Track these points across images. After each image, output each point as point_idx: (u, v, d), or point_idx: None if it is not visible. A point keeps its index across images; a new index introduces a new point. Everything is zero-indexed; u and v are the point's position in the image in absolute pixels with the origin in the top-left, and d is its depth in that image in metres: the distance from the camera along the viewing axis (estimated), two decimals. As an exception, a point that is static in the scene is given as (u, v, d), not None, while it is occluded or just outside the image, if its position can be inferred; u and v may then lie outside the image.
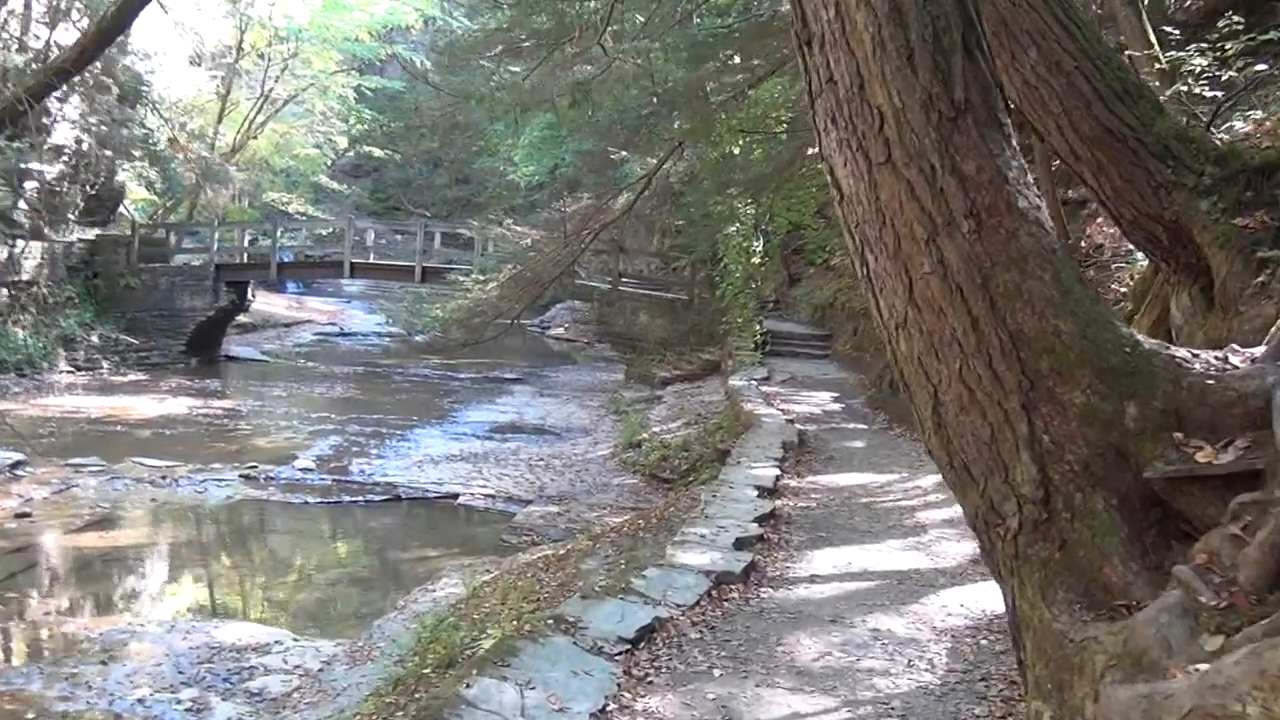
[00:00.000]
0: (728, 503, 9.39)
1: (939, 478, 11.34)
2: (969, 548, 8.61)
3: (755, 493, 9.81)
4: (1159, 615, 2.73)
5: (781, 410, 16.22)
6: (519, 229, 20.00)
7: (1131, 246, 7.68)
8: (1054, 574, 3.20)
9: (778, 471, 10.97)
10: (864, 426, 15.50)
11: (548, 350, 36.74)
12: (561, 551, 12.49)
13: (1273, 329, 3.88)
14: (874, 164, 3.49)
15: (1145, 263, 7.96)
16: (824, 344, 24.13)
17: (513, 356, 33.11)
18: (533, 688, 5.16)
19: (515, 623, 7.04)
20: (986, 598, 7.20)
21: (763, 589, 7.32)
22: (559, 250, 15.11)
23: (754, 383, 18.82)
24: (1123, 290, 11.22)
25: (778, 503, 9.77)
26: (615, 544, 11.77)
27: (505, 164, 41.70)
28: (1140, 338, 3.40)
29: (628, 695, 5.41)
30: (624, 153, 18.04)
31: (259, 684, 9.34)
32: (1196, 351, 3.44)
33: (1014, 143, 3.53)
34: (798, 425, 14.76)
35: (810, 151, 19.67)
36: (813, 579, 7.66)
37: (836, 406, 17.31)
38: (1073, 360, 3.27)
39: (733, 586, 7.20)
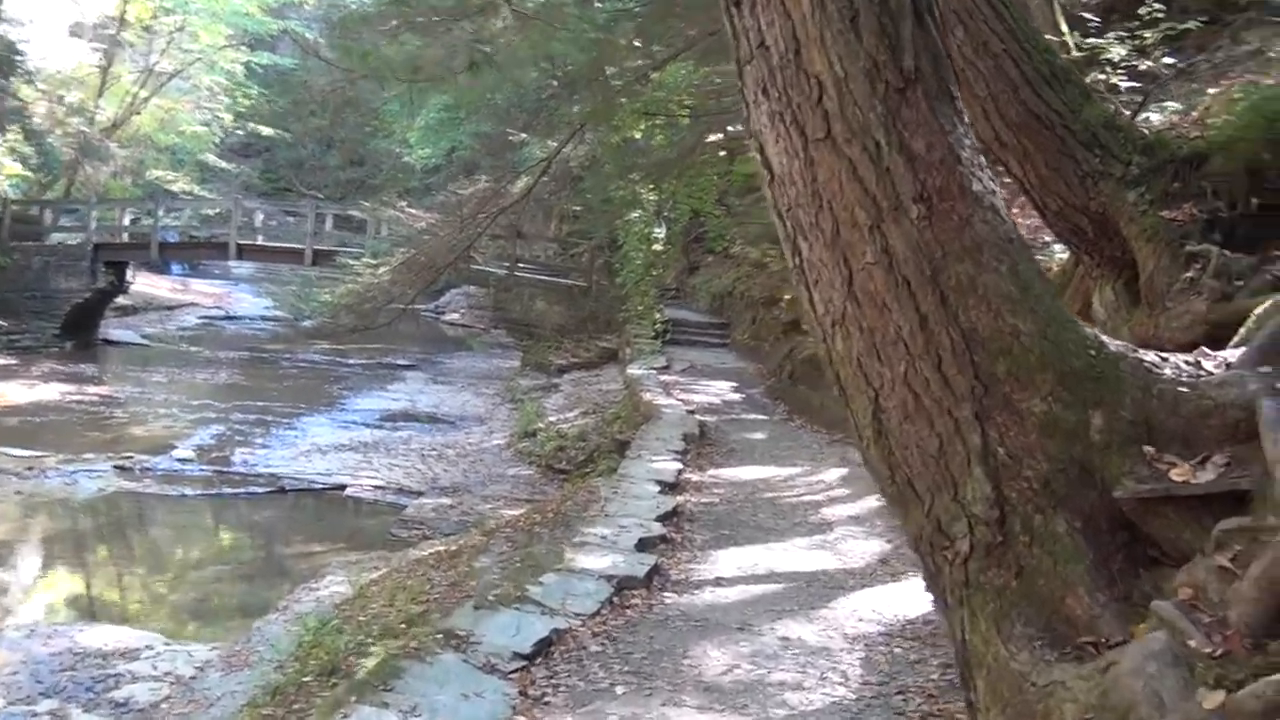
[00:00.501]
0: (628, 499, 8.96)
1: (843, 471, 11.05)
2: (876, 546, 8.31)
3: (657, 488, 9.41)
4: (1145, 664, 2.35)
5: (681, 400, 15.85)
6: (413, 212, 19.27)
7: (1050, 238, 7.40)
8: (1010, 604, 2.82)
9: (679, 465, 10.58)
10: (764, 417, 15.22)
11: (442, 336, 35.91)
12: (453, 547, 11.96)
13: (1242, 328, 3.55)
14: (811, 140, 3.08)
15: (1064, 255, 7.71)
16: (723, 332, 23.86)
17: (406, 342, 32.24)
18: (418, 715, 4.66)
19: (400, 639, 6.52)
20: (897, 601, 6.89)
21: (667, 594, 6.91)
22: (454, 234, 14.51)
23: (653, 372, 18.43)
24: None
25: (680, 499, 9.38)
26: (510, 540, 11.28)
27: (401, 146, 40.66)
28: (1105, 339, 3.03)
29: (523, 719, 4.94)
30: (523, 135, 17.46)
31: (125, 693, 8.63)
32: (1165, 355, 3.08)
33: (965, 119, 3.14)
34: (698, 416, 14.40)
35: (711, 139, 19.37)
36: (718, 582, 7.27)
37: (736, 397, 17.01)
38: (1032, 363, 2.89)
39: (635, 592, 6.77)
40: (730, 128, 22.67)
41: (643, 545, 7.64)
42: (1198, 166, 5.75)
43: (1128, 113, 6.30)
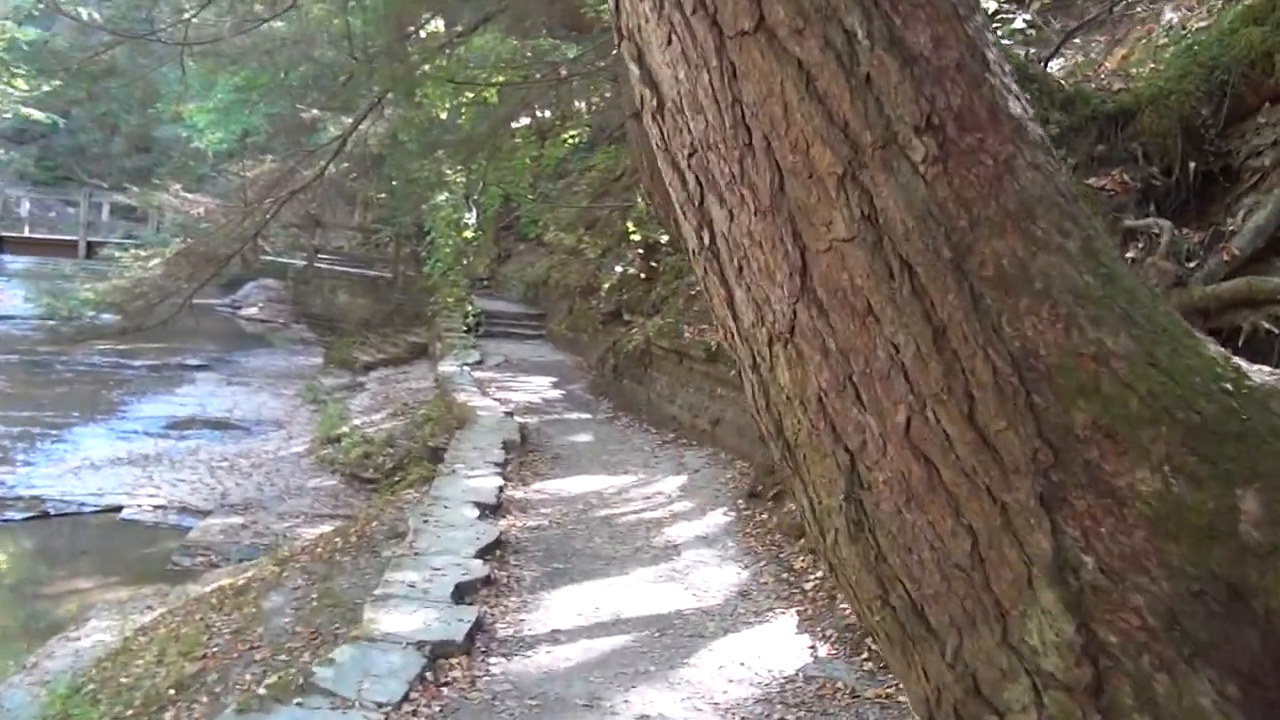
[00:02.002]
0: (443, 529, 7.52)
1: (680, 479, 9.83)
2: (731, 575, 7.15)
3: (475, 512, 7.99)
4: None
5: (499, 400, 14.42)
6: (191, 197, 17.17)
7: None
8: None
9: (500, 480, 9.19)
10: (588, 416, 13.93)
11: (240, 332, 33.33)
12: (241, 580, 10.32)
13: None
14: (729, 35, 1.78)
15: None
16: (538, 324, 22.52)
17: (199, 340, 29.67)
18: None
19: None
20: (768, 650, 5.73)
21: (493, 659, 5.53)
22: (238, 222, 12.71)
23: (466, 368, 16.90)
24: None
25: (504, 524, 7.99)
26: (306, 571, 9.71)
27: (190, 131, 37.66)
28: (1244, 365, 1.80)
29: None
30: (315, 112, 15.70)
31: None
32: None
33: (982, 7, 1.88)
34: (518, 418, 13.02)
35: (524, 122, 17.99)
36: (555, 637, 5.93)
37: (557, 394, 15.67)
38: (1134, 410, 1.64)
39: (454, 661, 5.35)
40: (540, 112, 21.39)
41: (461, 593, 6.23)
42: (1123, 125, 4.69)
43: (1039, 60, 5.23)
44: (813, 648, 5.74)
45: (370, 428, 16.89)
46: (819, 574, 6.63)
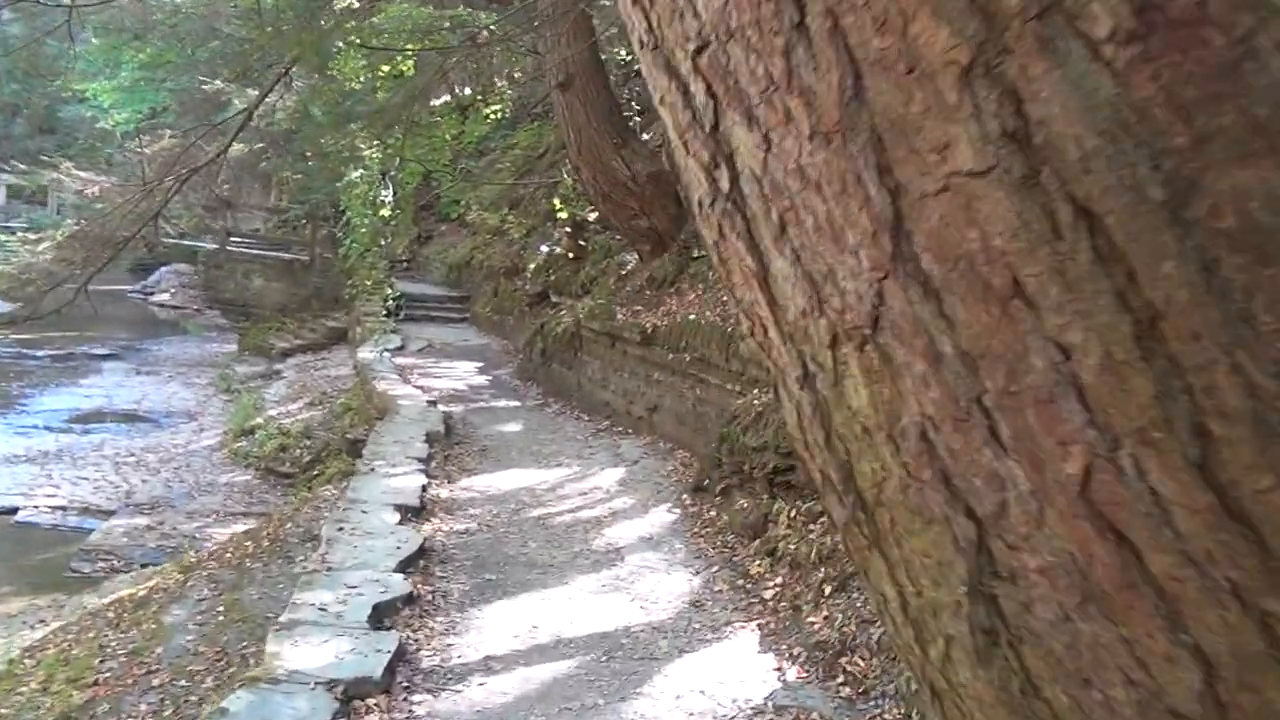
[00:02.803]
0: (359, 538, 6.73)
1: (618, 472, 9.05)
2: (681, 583, 6.47)
3: (396, 516, 7.21)
4: None
5: (421, 388, 13.58)
6: (85, 175, 15.94)
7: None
8: None
9: (424, 479, 8.41)
10: (517, 403, 13.15)
11: (153, 319, 31.98)
12: (142, 591, 9.48)
13: None
14: None
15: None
16: (461, 306, 21.65)
17: (109, 327, 28.31)
18: None
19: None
20: (727, 670, 5.05)
21: (417, 698, 4.77)
22: (136, 202, 11.69)
23: (387, 354, 15.98)
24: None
25: (428, 528, 7.23)
26: (213, 580, 8.89)
27: (96, 110, 35.99)
28: None
29: None
30: (220, 84, 14.66)
31: None
32: None
33: None
34: (442, 407, 12.20)
35: (444, 99, 17.06)
36: (488, 665, 5.19)
37: (483, 380, 14.86)
38: None
39: (371, 703, 4.59)
40: (460, 89, 20.47)
41: (380, 615, 5.47)
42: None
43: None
44: (779, 670, 5.09)
45: (287, 419, 15.95)
46: (778, 579, 5.98)
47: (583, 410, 12.32)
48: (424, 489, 8.09)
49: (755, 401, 7.36)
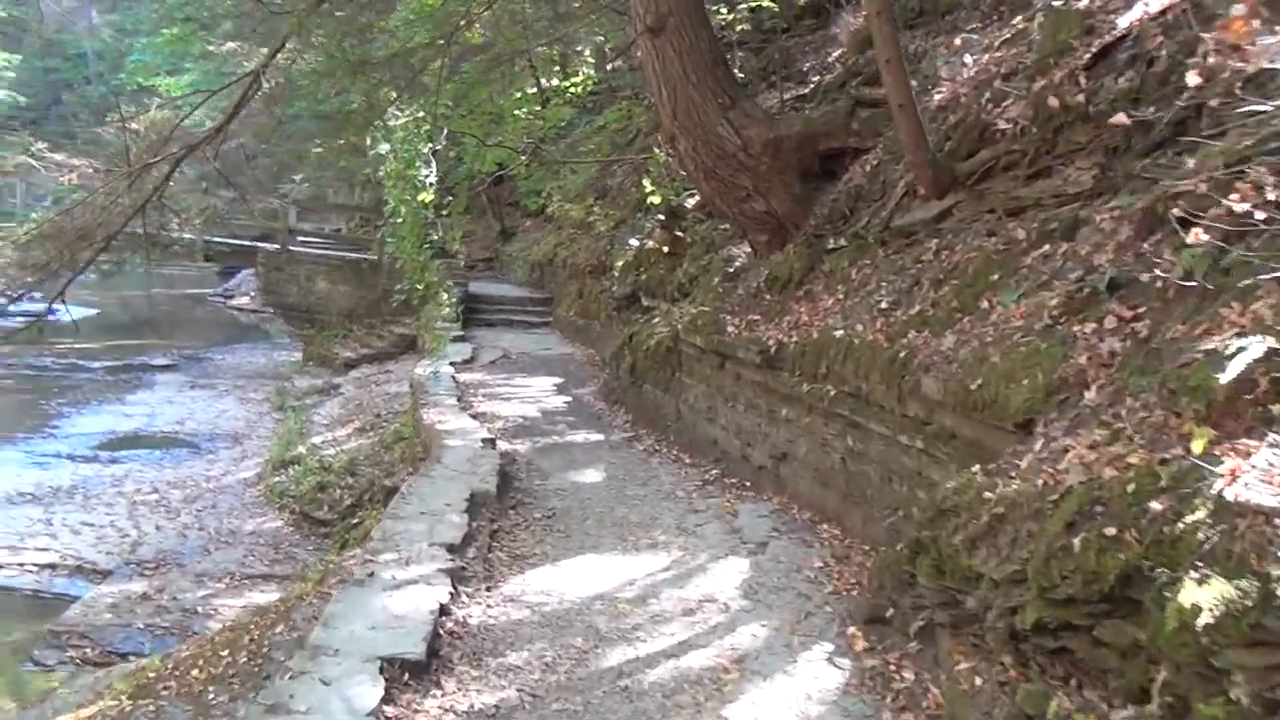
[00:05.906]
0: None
1: (742, 563, 5.89)
2: None
3: (377, 691, 4.12)
4: None
5: (482, 415, 10.57)
6: (59, 158, 13.17)
7: None
8: None
9: (447, 589, 5.34)
10: (599, 436, 10.04)
11: (233, 323, 29.69)
12: (91, 711, 6.68)
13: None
14: None
15: None
16: (544, 309, 18.69)
17: (186, 333, 26.05)
18: None
19: None
20: None
21: None
22: (121, 189, 8.95)
23: (449, 369, 12.94)
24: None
25: (433, 709, 4.14)
26: (162, 716, 6.00)
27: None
28: None
29: None
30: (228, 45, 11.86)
31: None
32: None
33: None
34: (503, 444, 9.18)
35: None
36: None
37: (560, 402, 11.78)
38: None
39: None
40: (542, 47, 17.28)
41: None
42: None
43: None
44: None
45: (331, 447, 13.07)
46: None
47: (682, 449, 9.21)
48: (443, 612, 5.02)
49: (984, 486, 4.17)
